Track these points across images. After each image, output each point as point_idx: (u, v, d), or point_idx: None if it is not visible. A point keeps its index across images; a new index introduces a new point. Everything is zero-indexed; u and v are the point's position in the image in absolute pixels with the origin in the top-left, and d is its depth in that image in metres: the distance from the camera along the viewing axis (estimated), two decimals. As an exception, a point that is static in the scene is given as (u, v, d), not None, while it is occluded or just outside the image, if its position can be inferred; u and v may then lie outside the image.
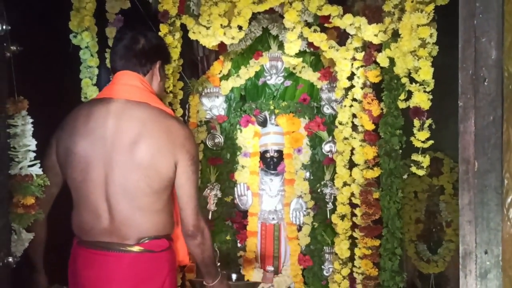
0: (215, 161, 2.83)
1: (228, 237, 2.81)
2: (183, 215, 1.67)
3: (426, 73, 1.75)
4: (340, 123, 2.36)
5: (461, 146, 1.16)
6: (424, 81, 1.77)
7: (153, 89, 1.73)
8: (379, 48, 2.08)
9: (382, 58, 2.03)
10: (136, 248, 1.63)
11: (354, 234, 2.24)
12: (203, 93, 2.82)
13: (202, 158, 2.81)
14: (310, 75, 2.75)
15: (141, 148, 1.57)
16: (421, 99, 1.77)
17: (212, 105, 2.82)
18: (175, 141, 1.61)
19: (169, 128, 1.62)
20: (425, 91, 1.78)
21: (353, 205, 2.30)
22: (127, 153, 1.58)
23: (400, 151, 2.06)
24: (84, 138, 1.61)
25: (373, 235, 2.14)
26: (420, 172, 1.80)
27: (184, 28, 2.31)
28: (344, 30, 2.19)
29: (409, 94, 1.89)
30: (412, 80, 1.85)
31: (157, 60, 1.73)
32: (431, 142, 1.78)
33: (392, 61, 1.99)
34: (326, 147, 2.73)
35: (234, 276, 2.38)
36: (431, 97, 1.77)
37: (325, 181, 2.71)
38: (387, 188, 2.08)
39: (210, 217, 2.78)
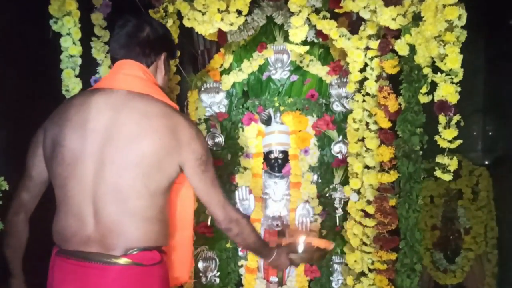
0: (215, 163, 2.66)
1: (228, 245, 2.70)
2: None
3: (453, 61, 1.55)
4: (354, 121, 2.19)
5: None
6: (452, 71, 1.58)
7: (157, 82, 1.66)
8: (397, 34, 1.90)
9: (401, 46, 1.85)
10: (122, 260, 1.47)
11: (365, 248, 2.03)
12: (202, 89, 2.74)
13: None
14: (318, 69, 2.65)
15: (143, 144, 1.46)
16: (448, 92, 1.57)
17: (212, 101, 2.74)
18: (181, 140, 1.52)
19: (175, 125, 1.52)
20: (452, 82, 1.57)
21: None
22: (124, 149, 1.46)
23: (421, 152, 1.87)
24: (74, 130, 1.50)
25: (389, 247, 1.95)
26: (447, 177, 1.58)
27: (181, 17, 2.17)
28: (357, 18, 2.05)
29: (432, 86, 1.72)
30: (436, 70, 1.67)
31: (162, 52, 1.64)
32: (459, 141, 1.57)
33: (412, 48, 1.83)
34: (335, 148, 2.63)
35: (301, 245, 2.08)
36: (459, 89, 1.57)
37: (334, 185, 2.61)
38: (406, 194, 1.88)
39: (209, 223, 2.66)
